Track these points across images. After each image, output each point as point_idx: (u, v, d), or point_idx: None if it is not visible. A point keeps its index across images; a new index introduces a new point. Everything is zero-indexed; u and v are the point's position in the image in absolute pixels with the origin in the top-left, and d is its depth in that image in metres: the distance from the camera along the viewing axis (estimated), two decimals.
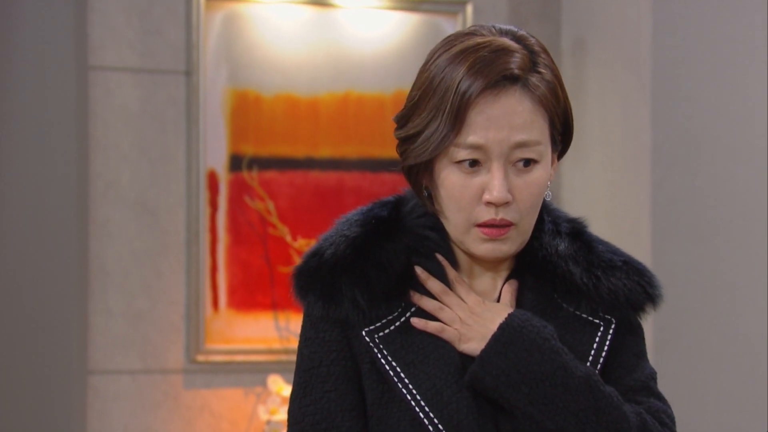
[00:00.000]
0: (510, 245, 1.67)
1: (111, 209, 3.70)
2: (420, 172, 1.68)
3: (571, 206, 3.93)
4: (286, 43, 3.82)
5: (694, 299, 3.40)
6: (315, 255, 1.70)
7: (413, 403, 1.63)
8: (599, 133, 3.76)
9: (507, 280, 1.73)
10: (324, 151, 3.85)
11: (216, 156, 3.77)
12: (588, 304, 1.70)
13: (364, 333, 1.66)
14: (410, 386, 1.64)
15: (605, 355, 1.68)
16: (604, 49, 3.76)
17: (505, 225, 1.64)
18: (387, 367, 1.65)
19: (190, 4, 3.75)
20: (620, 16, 3.63)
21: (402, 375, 1.64)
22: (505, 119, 1.62)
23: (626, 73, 3.59)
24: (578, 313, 1.70)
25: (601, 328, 1.69)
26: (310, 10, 3.85)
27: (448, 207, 1.67)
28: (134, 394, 3.71)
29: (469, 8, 3.93)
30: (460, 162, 1.64)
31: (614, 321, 1.70)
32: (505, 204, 1.63)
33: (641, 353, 1.73)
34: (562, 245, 1.72)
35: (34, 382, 3.49)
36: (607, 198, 3.72)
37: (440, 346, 1.66)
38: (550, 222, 1.75)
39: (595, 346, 1.68)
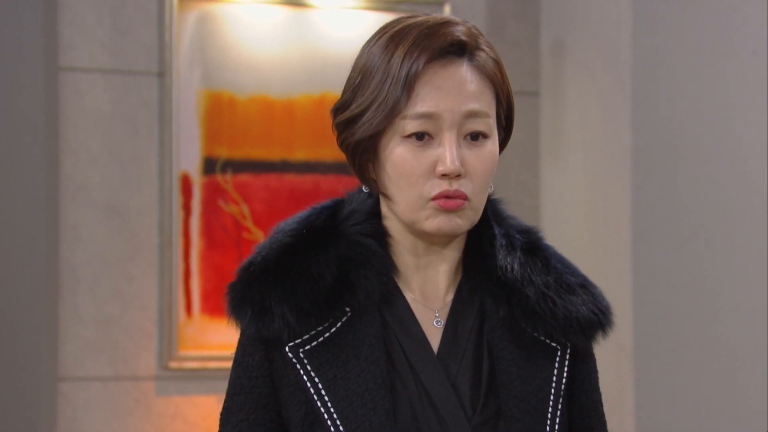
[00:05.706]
0: (464, 220, 1.61)
1: (81, 213, 3.66)
2: (366, 152, 1.62)
3: (551, 209, 3.90)
4: (261, 44, 3.78)
5: (675, 302, 3.38)
6: (246, 270, 1.66)
7: (329, 422, 1.58)
8: (579, 135, 3.74)
9: (458, 286, 1.67)
10: (299, 154, 3.80)
11: (189, 159, 3.72)
12: (544, 327, 1.65)
13: (287, 349, 1.61)
14: (329, 404, 1.59)
15: (566, 380, 1.66)
16: (584, 50, 3.74)
17: (460, 197, 1.58)
18: (308, 384, 1.60)
19: (162, 4, 3.70)
20: (600, 17, 3.61)
21: (323, 392, 1.59)
22: (456, 87, 1.58)
23: (606, 74, 3.56)
24: (536, 335, 1.66)
25: (559, 353, 1.66)
26: (286, 11, 3.80)
27: (397, 185, 1.60)
28: (105, 401, 3.66)
29: (447, 8, 3.89)
30: (409, 136, 1.58)
31: (569, 345, 1.67)
32: (458, 177, 1.58)
33: (597, 381, 1.73)
34: (517, 264, 1.67)
35: (3, 390, 3.45)
36: (586, 200, 3.70)
37: (363, 359, 1.59)
38: (503, 236, 1.69)
39: (555, 372, 1.65)
